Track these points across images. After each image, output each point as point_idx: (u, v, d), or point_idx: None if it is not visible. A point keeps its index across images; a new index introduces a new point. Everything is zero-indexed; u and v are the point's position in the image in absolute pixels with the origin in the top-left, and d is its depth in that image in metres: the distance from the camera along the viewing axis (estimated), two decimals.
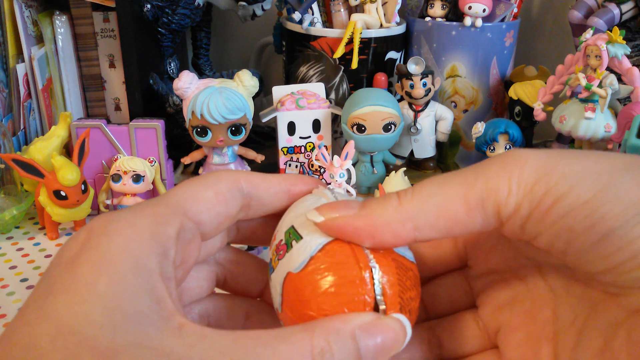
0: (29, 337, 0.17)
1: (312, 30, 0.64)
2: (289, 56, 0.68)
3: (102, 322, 0.17)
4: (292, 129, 0.61)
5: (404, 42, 0.68)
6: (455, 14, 0.67)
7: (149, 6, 0.61)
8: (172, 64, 0.70)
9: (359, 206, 0.21)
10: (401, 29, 0.66)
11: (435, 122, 0.66)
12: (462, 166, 0.71)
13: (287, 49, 0.68)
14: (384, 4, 0.65)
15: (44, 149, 0.57)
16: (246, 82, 0.55)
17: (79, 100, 0.69)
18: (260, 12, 0.67)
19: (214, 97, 0.52)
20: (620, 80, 0.57)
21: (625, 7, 0.64)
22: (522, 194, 0.20)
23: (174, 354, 0.17)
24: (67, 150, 0.61)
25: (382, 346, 0.19)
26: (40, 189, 0.55)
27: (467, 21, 0.64)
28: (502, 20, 0.67)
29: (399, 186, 0.57)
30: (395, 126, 0.59)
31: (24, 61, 0.65)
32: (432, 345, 0.26)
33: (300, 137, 0.61)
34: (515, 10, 0.68)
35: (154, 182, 0.57)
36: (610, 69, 0.57)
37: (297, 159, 0.62)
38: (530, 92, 0.64)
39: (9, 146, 0.60)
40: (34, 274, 0.51)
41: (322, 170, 0.63)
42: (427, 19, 0.67)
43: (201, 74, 0.72)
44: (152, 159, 0.58)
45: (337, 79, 0.65)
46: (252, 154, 0.59)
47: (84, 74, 0.68)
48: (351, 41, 0.62)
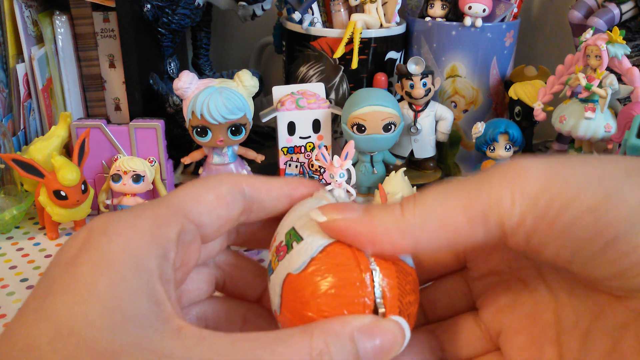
0: (28, 338, 0.17)
1: (312, 30, 0.64)
2: (289, 56, 0.68)
3: (102, 323, 0.17)
4: (292, 129, 0.61)
5: (404, 42, 0.68)
6: (455, 14, 0.67)
7: (149, 6, 0.61)
8: (172, 64, 0.70)
9: (362, 211, 0.21)
10: (401, 29, 0.66)
11: (435, 122, 0.66)
12: (462, 166, 0.71)
13: (287, 49, 0.68)
14: (384, 4, 0.65)
15: (44, 149, 0.57)
16: (246, 82, 0.55)
17: (79, 100, 0.69)
18: (260, 12, 0.67)
19: (214, 97, 0.52)
20: (620, 80, 0.57)
21: (625, 7, 0.64)
22: (526, 205, 0.19)
23: (172, 355, 0.17)
24: (67, 150, 0.61)
25: (381, 348, 0.19)
26: (40, 189, 0.55)
27: (467, 21, 0.64)
28: (502, 20, 0.67)
29: (399, 186, 0.57)
30: (395, 126, 0.59)
31: (24, 61, 0.65)
32: (433, 348, 0.26)
33: (300, 137, 0.61)
34: (515, 10, 0.68)
35: (154, 182, 0.57)
36: (610, 69, 0.57)
37: (297, 159, 0.62)
38: (530, 92, 0.64)
39: (9, 146, 0.60)
40: (34, 274, 0.51)
41: (322, 170, 0.62)
42: (427, 19, 0.67)
43: (201, 74, 0.72)
44: (152, 159, 0.58)
45: (337, 79, 0.65)
46: (252, 154, 0.59)
47: (84, 74, 0.68)
48: (351, 41, 0.62)
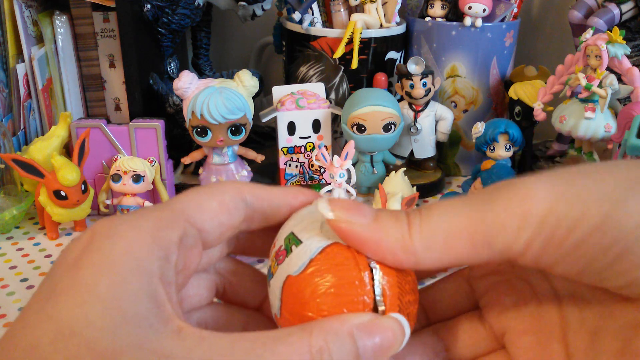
0: (30, 338, 0.17)
1: (312, 30, 0.64)
2: (289, 56, 0.68)
3: (102, 323, 0.17)
4: (292, 129, 0.61)
5: (404, 42, 0.68)
6: (455, 14, 0.67)
7: (149, 6, 0.61)
8: (172, 64, 0.70)
9: (372, 217, 0.21)
10: (401, 29, 0.66)
11: (435, 122, 0.66)
12: (462, 166, 0.72)
13: (287, 49, 0.68)
14: (384, 4, 0.65)
15: (44, 149, 0.57)
16: (246, 82, 0.55)
17: (79, 100, 0.69)
18: (260, 12, 0.67)
19: (214, 97, 0.52)
20: (620, 80, 0.57)
21: (625, 7, 0.64)
22: (532, 231, 0.19)
23: (173, 356, 0.17)
24: (67, 150, 0.61)
25: (381, 346, 0.19)
26: (40, 189, 0.55)
27: (467, 21, 0.64)
28: (502, 20, 0.67)
29: (399, 186, 0.57)
30: (395, 126, 0.59)
31: (24, 61, 0.65)
32: (437, 349, 0.26)
33: (300, 137, 0.61)
34: (515, 10, 0.68)
35: (154, 182, 0.57)
36: (610, 69, 0.57)
37: (297, 159, 0.62)
38: (530, 92, 0.64)
39: (9, 146, 0.60)
40: (34, 274, 0.51)
41: (322, 170, 0.62)
42: (427, 19, 0.67)
43: (201, 74, 0.72)
44: (152, 159, 0.58)
45: (337, 79, 0.65)
46: (252, 154, 0.59)
47: (84, 74, 0.68)
48: (351, 41, 0.62)
